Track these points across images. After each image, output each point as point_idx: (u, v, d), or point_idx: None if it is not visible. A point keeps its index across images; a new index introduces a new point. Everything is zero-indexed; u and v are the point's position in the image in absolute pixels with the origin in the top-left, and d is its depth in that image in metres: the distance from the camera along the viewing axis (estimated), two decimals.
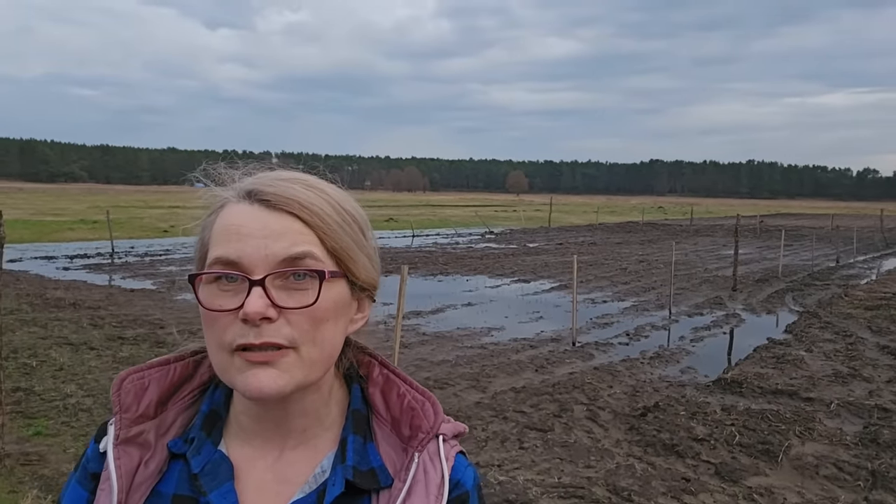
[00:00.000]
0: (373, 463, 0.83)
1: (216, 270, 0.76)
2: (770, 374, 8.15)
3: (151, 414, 0.85)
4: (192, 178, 0.89)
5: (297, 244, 0.76)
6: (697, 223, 47.34)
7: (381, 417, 0.88)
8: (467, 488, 0.85)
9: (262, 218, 0.77)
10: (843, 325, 11.21)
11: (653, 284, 16.23)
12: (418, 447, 0.83)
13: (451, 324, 11.20)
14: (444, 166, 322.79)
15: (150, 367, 0.87)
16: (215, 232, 0.79)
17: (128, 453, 0.81)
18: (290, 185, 0.79)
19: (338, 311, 0.80)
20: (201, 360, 0.90)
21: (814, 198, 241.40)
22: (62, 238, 26.00)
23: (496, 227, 39.08)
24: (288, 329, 0.75)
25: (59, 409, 6.27)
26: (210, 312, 0.76)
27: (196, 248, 0.85)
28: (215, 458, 0.82)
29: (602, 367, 8.52)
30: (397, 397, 0.87)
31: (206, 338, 0.79)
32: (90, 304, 11.78)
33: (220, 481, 0.81)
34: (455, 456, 0.85)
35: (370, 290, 0.86)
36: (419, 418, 0.85)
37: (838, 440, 5.82)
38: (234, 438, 0.85)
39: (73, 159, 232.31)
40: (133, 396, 0.84)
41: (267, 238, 0.76)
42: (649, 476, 4.97)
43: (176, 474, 0.82)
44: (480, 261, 20.90)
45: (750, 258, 22.70)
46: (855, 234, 26.79)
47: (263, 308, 0.73)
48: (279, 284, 0.75)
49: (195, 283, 0.78)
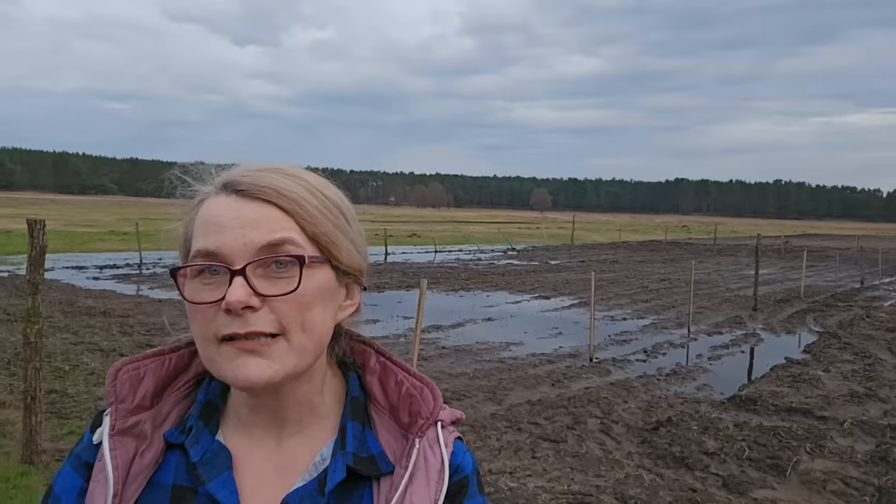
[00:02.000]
0: (372, 450, 0.83)
1: (198, 263, 0.77)
2: (785, 392, 8.21)
3: (147, 405, 0.85)
4: (170, 177, 0.88)
5: (276, 231, 0.77)
6: (721, 243, 47.04)
7: (378, 405, 0.88)
8: (467, 472, 0.86)
9: (238, 208, 0.77)
10: (863, 346, 11.19)
11: (673, 303, 16.25)
12: (418, 433, 0.84)
13: (471, 338, 11.36)
14: (468, 183, 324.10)
15: (146, 358, 0.87)
16: (196, 225, 0.80)
17: (123, 444, 0.81)
18: (266, 174, 0.80)
19: (324, 297, 0.80)
20: (196, 351, 0.88)
21: (843, 219, 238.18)
22: (93, 249, 26.66)
23: (519, 244, 39.19)
24: (273, 317, 0.75)
25: (91, 411, 6.54)
26: (195, 306, 0.77)
27: (179, 245, 0.85)
28: (213, 448, 0.83)
29: (618, 383, 8.62)
30: (395, 384, 0.88)
31: (194, 332, 0.80)
32: (120, 313, 12.12)
33: (219, 470, 0.81)
34: (454, 442, 0.86)
35: (357, 275, 0.86)
36: (418, 405, 0.85)
37: (849, 457, 5.89)
38: (231, 428, 0.86)
39: (104, 172, 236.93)
40: (129, 387, 0.84)
41: (245, 227, 0.76)
42: (657, 486, 5.11)
43: (174, 464, 0.82)
44: (502, 277, 21.05)
45: (773, 278, 22.60)
46: (881, 255, 26.49)
47: (245, 297, 0.74)
48: (261, 273, 0.76)
49: (178, 279, 0.79)
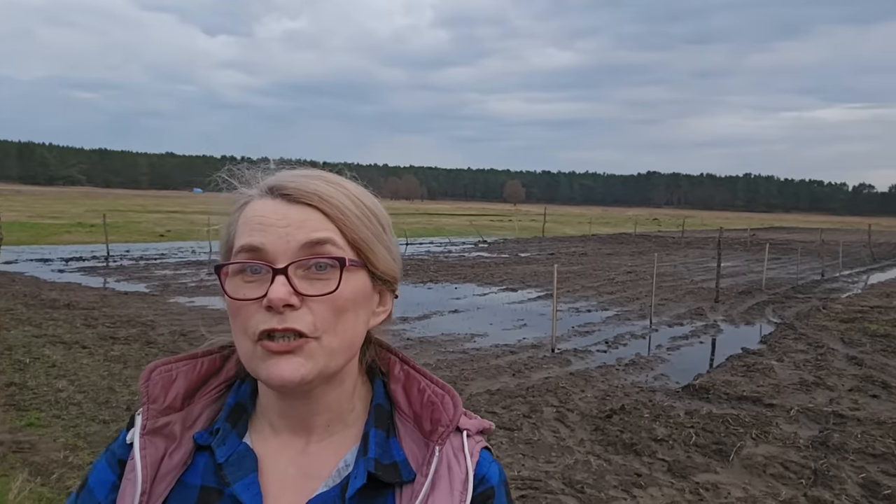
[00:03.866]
0: (395, 457, 0.84)
1: (241, 259, 0.79)
2: (738, 381, 8.45)
3: (178, 406, 0.87)
4: (213, 180, 0.90)
5: (318, 231, 0.79)
6: (690, 235, 47.68)
7: (403, 413, 0.89)
8: (492, 483, 0.85)
9: (283, 210, 0.80)
10: (817, 336, 11.52)
11: (637, 295, 16.52)
12: (438, 440, 0.84)
13: (436, 329, 11.48)
14: (442, 175, 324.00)
15: (179, 361, 0.89)
16: (240, 225, 0.82)
17: (153, 444, 0.83)
18: (310, 181, 0.82)
19: (358, 302, 0.82)
20: (229, 356, 0.92)
21: (810, 212, 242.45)
22: (59, 241, 26.29)
23: (490, 237, 39.39)
24: (310, 317, 0.78)
25: (51, 403, 6.56)
26: (235, 302, 0.79)
27: (221, 243, 0.87)
28: (240, 450, 0.84)
29: (577, 373, 8.81)
30: (418, 392, 0.89)
31: (233, 327, 0.82)
32: (84, 306, 12.06)
33: (244, 472, 0.82)
34: (480, 452, 0.86)
35: (391, 282, 0.88)
36: (439, 412, 0.86)
37: (791, 443, 6.13)
38: (259, 432, 0.87)
39: (72, 163, 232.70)
40: (161, 388, 0.86)
41: (288, 227, 0.79)
42: (604, 471, 5.29)
43: (202, 465, 0.83)
44: (471, 269, 21.20)
45: (737, 271, 23.05)
46: (841, 248, 27.12)
47: (286, 295, 0.76)
48: (301, 274, 0.78)
49: (221, 275, 0.81)
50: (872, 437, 6.28)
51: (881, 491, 5.12)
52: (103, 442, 5.57)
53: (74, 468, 5.00)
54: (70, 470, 4.96)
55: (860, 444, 6.10)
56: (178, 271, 18.47)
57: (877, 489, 5.16)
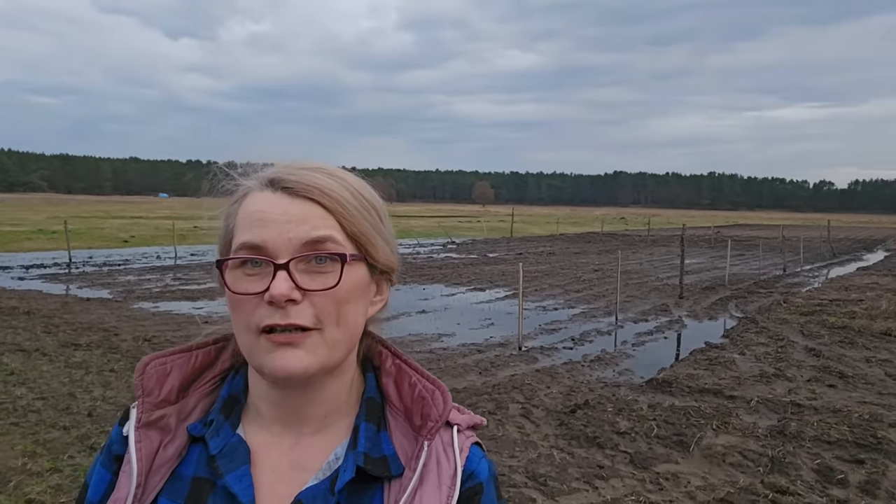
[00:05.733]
0: (385, 451, 0.84)
1: (242, 255, 0.79)
2: (701, 374, 8.60)
3: (173, 399, 0.87)
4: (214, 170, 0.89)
5: (319, 228, 0.79)
6: (656, 234, 48.29)
7: (394, 407, 0.89)
8: (481, 480, 0.86)
9: (284, 204, 0.80)
10: (778, 329, 11.76)
11: (604, 293, 16.69)
12: (427, 435, 0.85)
13: (404, 330, 11.48)
14: (411, 177, 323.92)
15: (173, 354, 0.89)
16: (240, 219, 0.82)
17: (148, 436, 0.83)
18: (311, 174, 0.82)
19: (358, 293, 0.83)
20: (223, 348, 0.92)
21: (773, 209, 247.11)
22: (19, 248, 25.74)
23: (459, 238, 39.47)
24: (312, 311, 0.78)
25: (9, 411, 6.44)
26: (236, 296, 0.79)
27: (220, 235, 0.87)
28: (233, 442, 0.84)
29: (543, 370, 8.89)
30: (409, 386, 0.89)
31: (234, 321, 0.82)
32: (45, 313, 11.84)
33: (236, 464, 0.82)
34: (470, 447, 0.86)
35: (389, 272, 0.89)
36: (429, 407, 0.86)
37: (750, 432, 6.26)
38: (252, 424, 0.87)
39: (33, 169, 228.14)
40: (155, 381, 0.86)
41: (290, 223, 0.79)
42: (567, 464, 5.36)
43: (196, 457, 0.84)
44: (439, 270, 21.23)
45: (701, 267, 23.41)
46: (802, 244, 27.71)
47: (288, 290, 0.76)
48: (302, 268, 0.79)
49: (222, 268, 0.81)
50: (828, 424, 6.44)
51: (835, 476, 5.26)
52: (63, 449, 5.49)
53: (33, 475, 4.92)
54: (28, 477, 4.88)
55: (816, 431, 6.25)
56: (142, 277, 18.21)
57: (830, 474, 5.30)
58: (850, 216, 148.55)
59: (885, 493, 4.99)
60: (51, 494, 4.60)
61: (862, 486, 5.12)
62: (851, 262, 28.23)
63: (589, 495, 4.86)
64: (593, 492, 4.92)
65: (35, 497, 4.53)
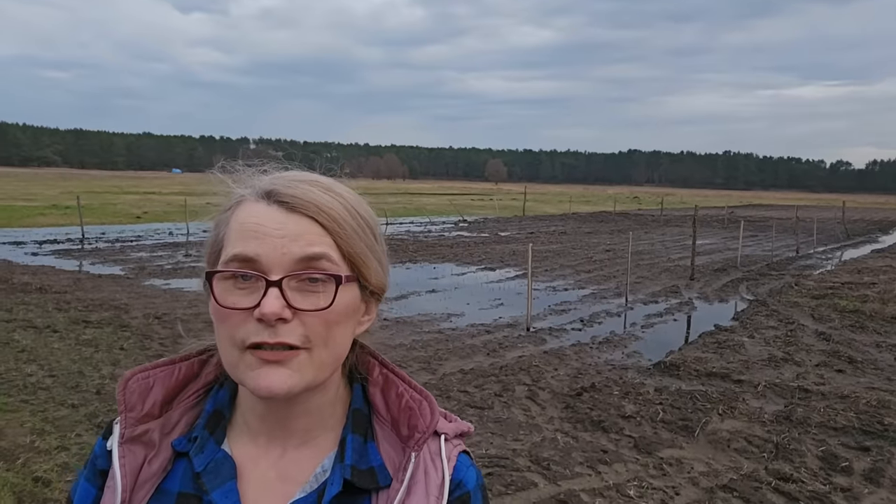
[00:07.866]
0: (372, 462, 0.83)
1: (234, 269, 0.77)
2: (709, 358, 8.57)
3: (156, 413, 0.86)
4: (210, 178, 0.88)
5: (314, 245, 0.77)
6: (669, 213, 48.00)
7: (381, 417, 0.88)
8: (468, 489, 0.85)
9: (280, 219, 0.78)
10: (789, 312, 11.69)
11: (614, 273, 16.62)
12: (415, 447, 0.84)
13: (413, 310, 11.51)
14: (424, 154, 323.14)
15: (156, 367, 0.88)
16: (232, 229, 0.80)
17: (132, 452, 0.82)
18: (308, 188, 0.80)
19: (349, 315, 0.82)
20: (207, 360, 0.91)
21: (788, 189, 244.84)
22: (33, 223, 25.96)
23: (471, 216, 39.40)
24: (302, 330, 0.76)
25: (20, 388, 6.52)
26: (224, 309, 0.77)
27: (209, 242, 0.85)
28: (218, 457, 0.83)
29: (551, 352, 8.89)
30: (396, 397, 0.88)
31: (218, 333, 0.80)
32: (57, 289, 11.95)
33: (222, 480, 0.82)
34: (458, 456, 0.86)
35: (379, 293, 0.88)
36: (416, 418, 0.85)
37: (756, 418, 6.24)
38: (237, 437, 0.86)
39: (47, 143, 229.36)
40: (138, 396, 0.85)
41: (284, 238, 0.77)
42: (571, 448, 5.37)
43: (180, 472, 0.83)
44: (450, 249, 21.23)
45: (713, 248, 23.27)
46: (815, 225, 27.46)
47: (280, 309, 0.74)
48: (294, 286, 0.77)
49: (211, 279, 0.79)
50: (835, 410, 6.42)
51: (839, 463, 5.25)
52: (71, 427, 5.56)
53: (41, 453, 4.99)
54: (36, 455, 4.95)
55: (823, 418, 6.22)
56: (154, 253, 18.33)
57: (835, 461, 5.28)
58: (867, 197, 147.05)
59: (889, 482, 4.97)
60: (57, 472, 4.67)
61: (866, 473, 5.10)
62: (866, 244, 27.99)
63: (591, 480, 4.87)
64: (596, 476, 4.93)
65: (42, 475, 4.60)
